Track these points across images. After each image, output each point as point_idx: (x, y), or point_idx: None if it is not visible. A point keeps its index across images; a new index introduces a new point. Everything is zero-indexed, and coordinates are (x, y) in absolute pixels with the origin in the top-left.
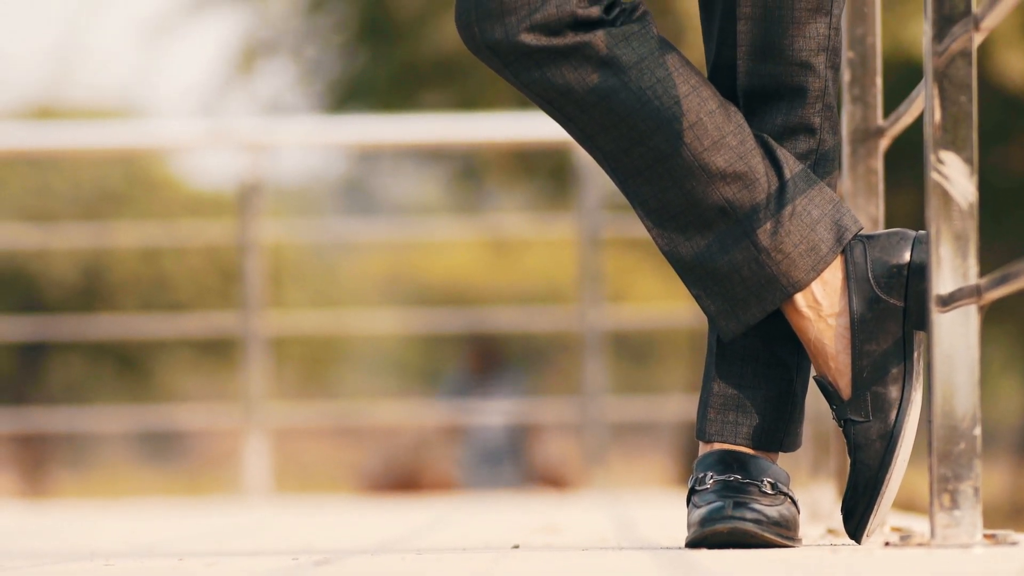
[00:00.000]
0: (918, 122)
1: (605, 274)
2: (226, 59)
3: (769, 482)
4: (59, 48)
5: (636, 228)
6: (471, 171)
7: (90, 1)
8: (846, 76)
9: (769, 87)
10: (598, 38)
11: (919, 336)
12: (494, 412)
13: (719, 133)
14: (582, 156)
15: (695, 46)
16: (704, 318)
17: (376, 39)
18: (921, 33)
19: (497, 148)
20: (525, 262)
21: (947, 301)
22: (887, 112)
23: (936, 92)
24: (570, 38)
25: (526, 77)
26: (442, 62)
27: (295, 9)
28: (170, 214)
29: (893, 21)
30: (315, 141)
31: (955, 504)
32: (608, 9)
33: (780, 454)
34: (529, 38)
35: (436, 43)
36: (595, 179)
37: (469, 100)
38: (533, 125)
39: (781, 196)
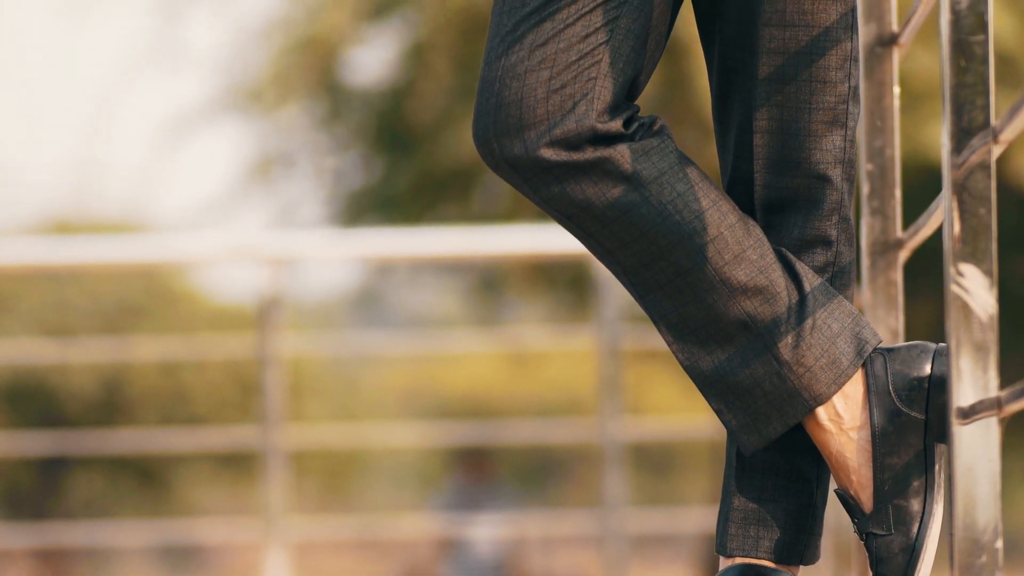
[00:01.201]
0: (937, 232)
1: (625, 385)
2: (242, 169)
3: None
4: (75, 162)
5: (656, 339)
6: (490, 282)
7: (105, 115)
8: (865, 188)
9: (786, 200)
10: (618, 153)
11: (940, 448)
12: (482, 527)
13: (740, 247)
14: (601, 267)
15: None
16: (724, 429)
17: (393, 148)
18: (938, 136)
19: (516, 260)
20: (545, 373)
21: (967, 414)
22: (906, 220)
23: (955, 205)
24: (590, 153)
25: (546, 193)
26: (461, 171)
27: (312, 118)
28: (189, 327)
29: (911, 124)
30: (334, 254)
31: None
32: (627, 124)
33: (800, 567)
34: (549, 153)
35: (455, 152)
36: (614, 290)
37: (489, 209)
38: (552, 237)
39: (801, 310)
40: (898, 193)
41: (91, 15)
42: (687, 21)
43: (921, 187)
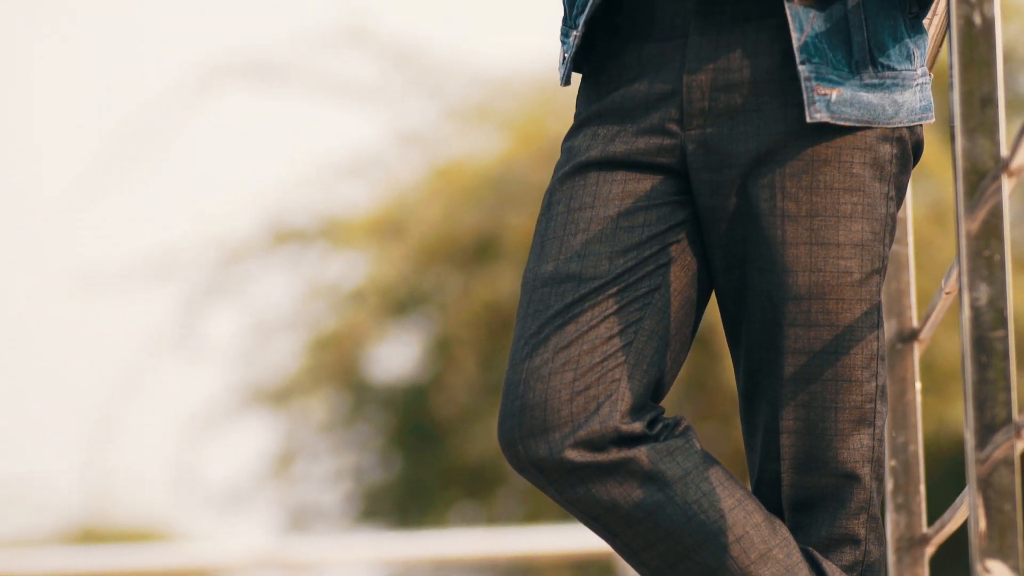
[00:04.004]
0: (963, 529)
1: None
2: (264, 465)
3: None
4: (96, 468)
5: None
6: None
7: (124, 418)
8: (889, 484)
9: (814, 499)
10: (642, 453)
11: None
12: None
13: (765, 546)
14: (627, 565)
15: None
16: None
17: (415, 446)
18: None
19: (541, 560)
20: None
21: None
22: (933, 505)
23: (980, 501)
24: (614, 454)
25: (571, 494)
26: (483, 469)
27: (334, 414)
28: None
29: (938, 404)
30: (356, 559)
31: None
32: (651, 424)
33: None
34: (574, 454)
35: (478, 449)
36: None
37: (512, 506)
38: (577, 536)
39: None
40: (923, 489)
41: (105, 320)
42: (712, 317)
43: (950, 469)
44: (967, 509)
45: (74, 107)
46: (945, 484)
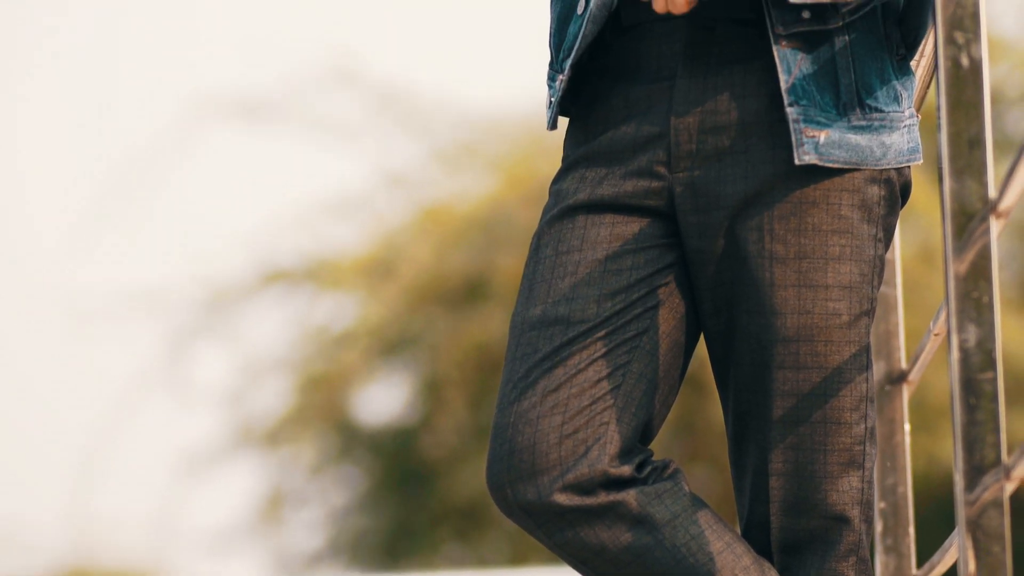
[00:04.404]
0: (952, 569)
1: None
2: (252, 505)
3: None
4: (83, 508)
5: None
6: None
7: (112, 456)
8: (878, 526)
9: (803, 541)
10: (631, 496)
11: None
12: None
13: None
14: None
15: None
16: None
17: (402, 488)
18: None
19: None
20: None
21: None
22: (922, 545)
23: (969, 543)
24: (603, 497)
25: (560, 537)
26: (471, 511)
27: (322, 456)
28: None
29: (928, 441)
30: None
31: None
32: (640, 467)
33: None
34: (562, 498)
35: (466, 491)
36: None
37: (501, 548)
38: None
39: None
40: (912, 531)
41: (91, 363)
42: (702, 357)
43: (941, 506)
44: (956, 551)
45: (63, 146)
46: (936, 520)
